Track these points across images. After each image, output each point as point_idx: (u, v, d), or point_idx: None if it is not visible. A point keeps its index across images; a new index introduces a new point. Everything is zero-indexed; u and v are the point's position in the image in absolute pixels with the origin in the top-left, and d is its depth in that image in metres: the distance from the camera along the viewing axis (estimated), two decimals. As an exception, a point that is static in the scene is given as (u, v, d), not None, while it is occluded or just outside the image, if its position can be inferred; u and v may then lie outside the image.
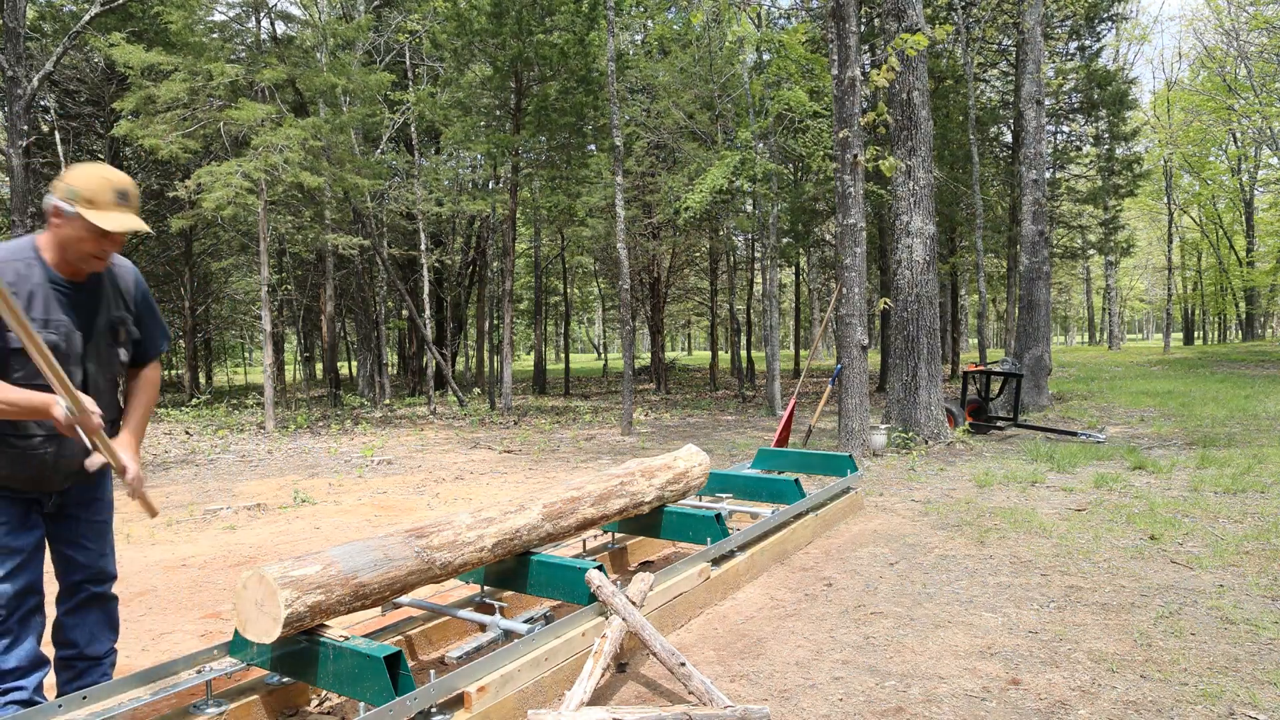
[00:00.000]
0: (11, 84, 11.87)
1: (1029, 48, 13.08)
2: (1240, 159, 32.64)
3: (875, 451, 8.38)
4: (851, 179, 8.38)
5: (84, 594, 2.60)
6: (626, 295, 12.08)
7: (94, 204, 2.29)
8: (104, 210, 2.30)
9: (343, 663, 2.41)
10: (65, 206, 2.29)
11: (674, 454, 4.42)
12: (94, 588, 2.62)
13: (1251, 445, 8.02)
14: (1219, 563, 4.24)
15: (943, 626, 3.46)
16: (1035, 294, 12.92)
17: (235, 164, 11.95)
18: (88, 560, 2.60)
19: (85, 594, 2.60)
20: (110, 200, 2.31)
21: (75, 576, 2.58)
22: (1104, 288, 40.80)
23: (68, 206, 2.29)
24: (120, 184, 2.34)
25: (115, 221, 2.30)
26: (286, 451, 10.43)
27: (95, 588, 2.62)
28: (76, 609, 2.59)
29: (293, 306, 24.54)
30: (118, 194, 2.33)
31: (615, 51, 12.82)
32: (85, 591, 2.60)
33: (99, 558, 2.63)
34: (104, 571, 2.65)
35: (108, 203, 2.31)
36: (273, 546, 5.27)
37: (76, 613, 2.59)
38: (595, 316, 48.06)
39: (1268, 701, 2.70)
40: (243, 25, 15.73)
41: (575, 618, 2.97)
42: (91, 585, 2.62)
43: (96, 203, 2.29)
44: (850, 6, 8.35)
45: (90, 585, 2.61)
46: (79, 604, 2.59)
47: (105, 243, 2.35)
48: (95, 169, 2.33)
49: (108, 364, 2.52)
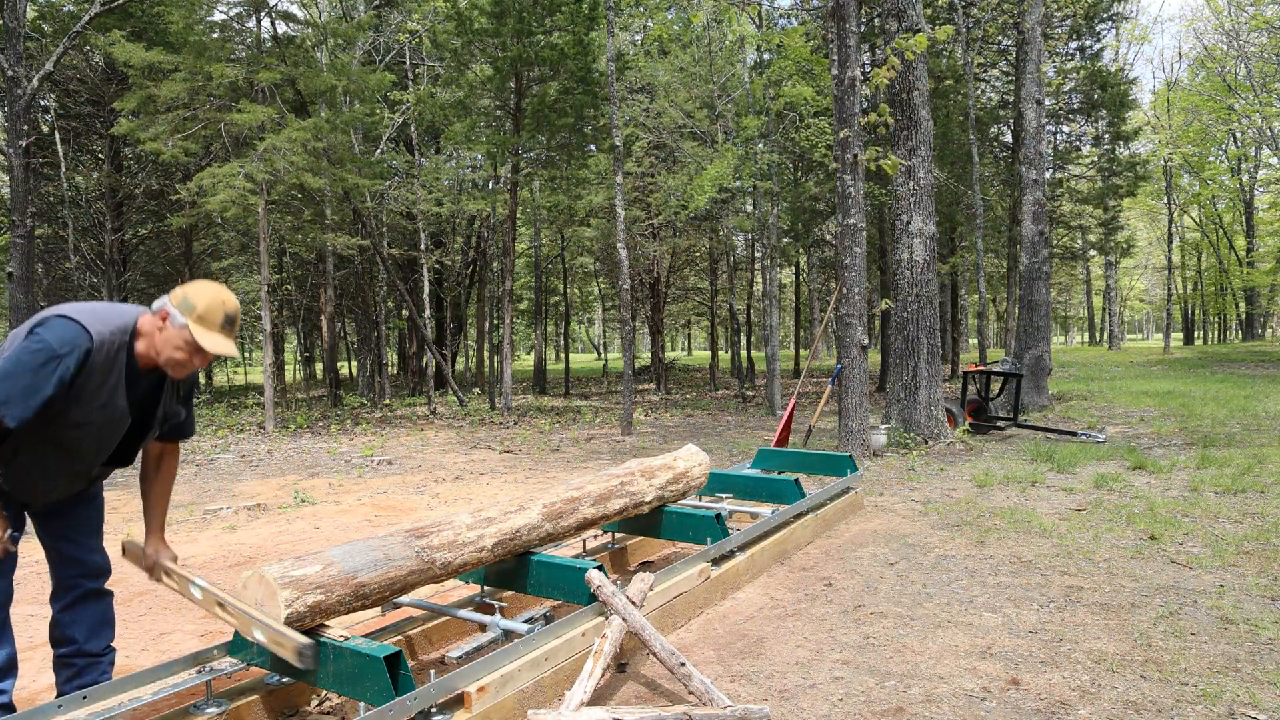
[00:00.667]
0: (11, 84, 11.87)
1: (1029, 48, 13.08)
2: (1240, 159, 32.63)
3: (875, 451, 8.38)
4: (851, 179, 8.38)
5: (79, 589, 2.60)
6: (626, 295, 12.08)
7: (204, 321, 2.36)
8: (210, 331, 2.38)
9: (343, 663, 2.41)
10: (177, 315, 2.36)
11: (674, 454, 4.42)
12: (88, 583, 2.62)
13: (1251, 445, 8.02)
14: (1219, 563, 4.24)
15: (943, 626, 3.46)
16: (1035, 294, 12.92)
17: (238, 165, 11.96)
18: (80, 555, 2.60)
19: (80, 589, 2.60)
20: (218, 323, 2.39)
21: (69, 572, 2.58)
22: (1104, 288, 40.79)
23: (179, 316, 2.35)
24: (232, 310, 2.43)
25: (217, 344, 2.37)
26: (286, 451, 10.43)
27: (90, 583, 2.62)
28: (72, 605, 2.59)
29: (293, 306, 24.53)
30: (227, 319, 2.41)
31: (615, 51, 12.82)
32: (80, 587, 2.60)
33: (91, 552, 2.63)
34: (97, 566, 2.65)
35: (215, 324, 2.39)
36: (273, 546, 5.27)
37: (72, 609, 2.59)
38: (595, 316, 48.04)
39: (1268, 701, 2.70)
40: (243, 25, 15.71)
41: (575, 618, 2.97)
42: (86, 580, 2.62)
43: (206, 321, 2.37)
44: (850, 6, 8.35)
45: (85, 580, 2.61)
46: (74, 600, 2.59)
47: (197, 358, 2.41)
48: (214, 289, 2.41)
49: (138, 439, 2.58)
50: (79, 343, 2.26)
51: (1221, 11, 28.04)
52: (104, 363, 2.33)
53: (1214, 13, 28.70)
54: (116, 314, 2.40)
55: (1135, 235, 32.16)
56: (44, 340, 2.23)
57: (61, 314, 2.30)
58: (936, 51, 16.40)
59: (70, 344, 2.24)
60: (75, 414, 2.32)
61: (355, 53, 17.04)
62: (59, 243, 18.66)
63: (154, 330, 2.40)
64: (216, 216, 13.66)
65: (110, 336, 2.34)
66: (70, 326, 2.27)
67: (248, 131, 13.32)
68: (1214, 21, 29.12)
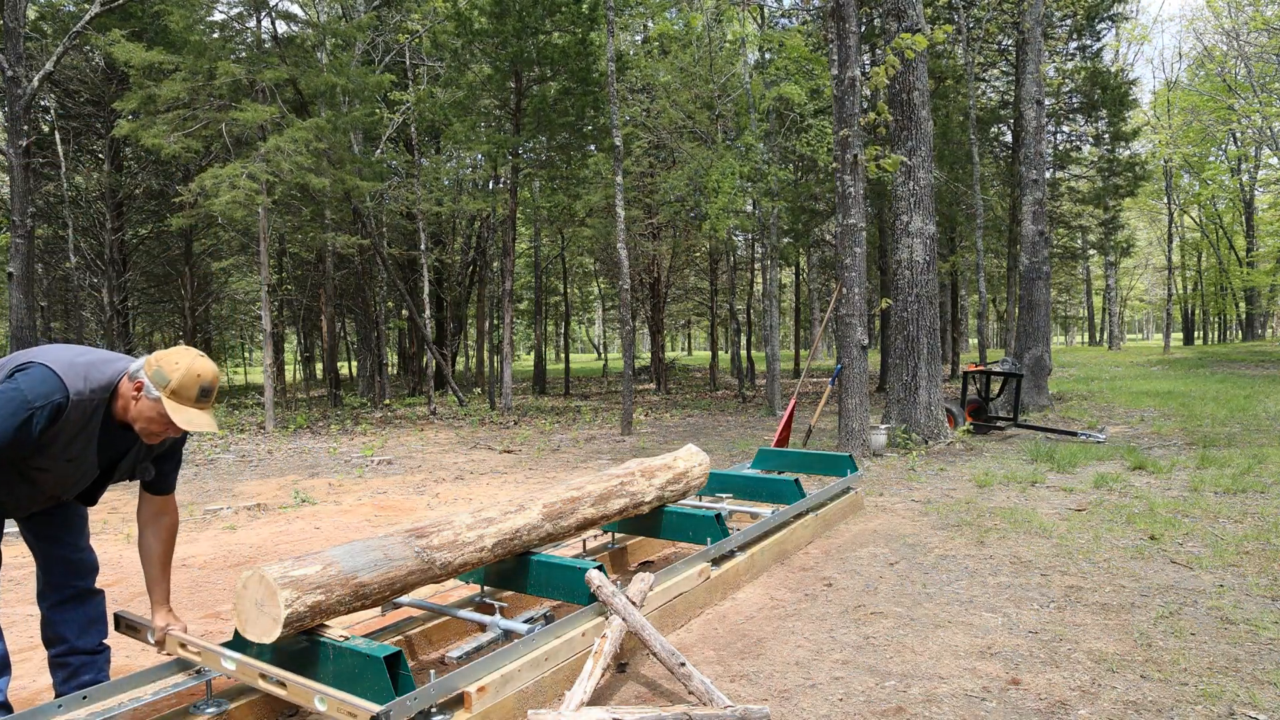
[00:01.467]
0: (11, 84, 11.87)
1: (1029, 48, 13.08)
2: (1240, 159, 32.64)
3: (875, 451, 8.38)
4: (851, 179, 8.38)
5: (69, 589, 2.58)
6: (626, 295, 12.08)
7: (177, 395, 2.30)
8: (184, 405, 2.31)
9: (343, 663, 2.41)
10: (150, 388, 2.30)
11: (674, 454, 4.42)
12: (78, 582, 2.60)
13: (1251, 445, 8.02)
14: (1219, 563, 4.24)
15: (943, 626, 3.46)
16: (1035, 294, 12.92)
17: (240, 165, 11.96)
18: (67, 554, 2.57)
19: (70, 589, 2.58)
20: (193, 396, 2.33)
21: (57, 571, 2.56)
22: (1104, 288, 40.79)
23: (153, 389, 2.30)
24: (208, 382, 2.35)
25: (191, 420, 2.31)
26: (286, 451, 10.43)
27: (79, 581, 2.60)
28: (61, 604, 2.58)
29: (293, 306, 24.55)
30: (202, 391, 2.34)
31: (615, 52, 12.82)
32: (70, 586, 2.58)
33: (77, 551, 2.60)
34: (84, 563, 2.62)
35: (190, 398, 2.32)
36: (273, 546, 5.27)
37: (61, 608, 2.58)
38: (595, 316, 48.05)
39: (1268, 701, 2.70)
40: (243, 25, 15.71)
41: (575, 618, 2.97)
42: (75, 580, 2.59)
43: (180, 395, 2.31)
44: (850, 6, 8.35)
45: (74, 580, 2.59)
46: (64, 599, 2.58)
47: (171, 430, 2.35)
48: (189, 360, 2.33)
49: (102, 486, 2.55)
50: (53, 398, 2.24)
51: (1221, 13, 28.05)
52: (78, 420, 2.31)
53: (1214, 14, 28.71)
54: (99, 371, 2.36)
55: (1135, 235, 32.14)
56: (19, 389, 2.21)
57: (45, 363, 2.28)
58: (936, 51, 16.41)
59: (45, 398, 2.22)
60: (40, 460, 2.31)
61: (355, 52, 17.04)
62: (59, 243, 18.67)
63: (130, 397, 2.35)
64: (218, 217, 13.65)
65: (89, 395, 2.32)
66: (50, 380, 2.25)
67: (249, 131, 13.32)
68: (1214, 22, 29.12)
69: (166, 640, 2.61)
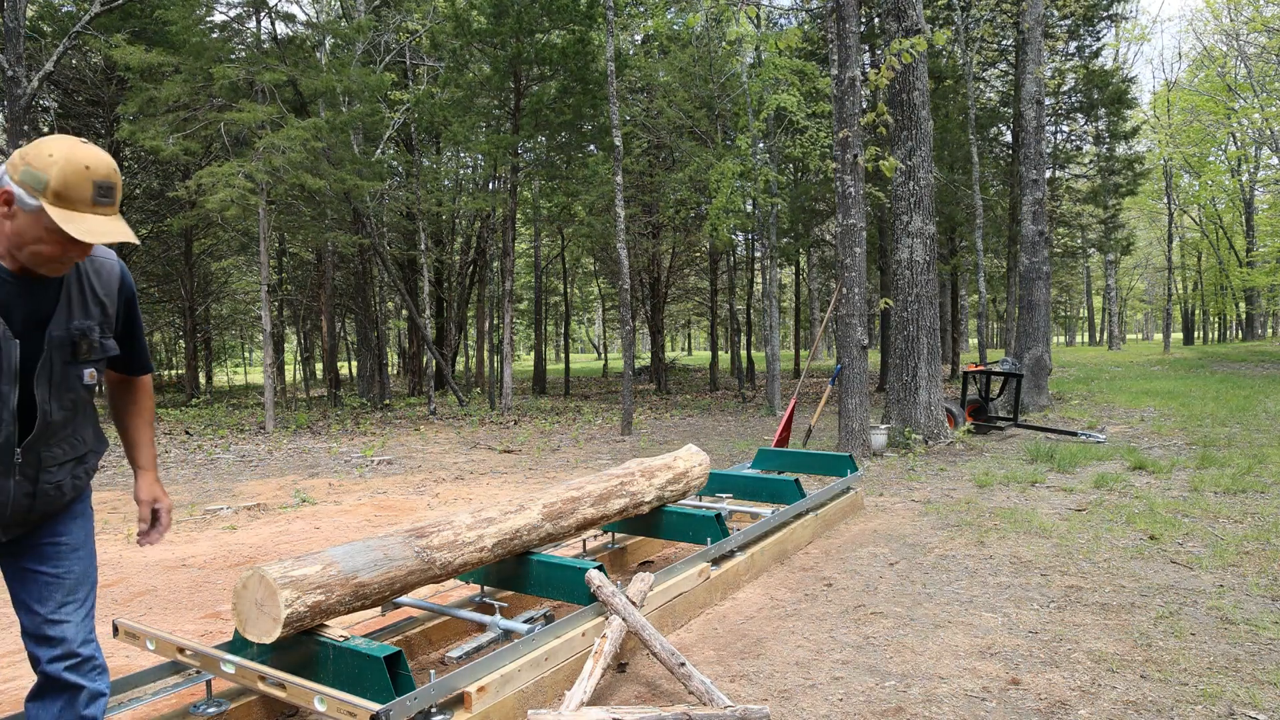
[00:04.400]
0: (11, 84, 11.87)
1: (1029, 48, 13.08)
2: (1240, 159, 32.64)
3: (875, 451, 8.38)
4: (851, 179, 8.38)
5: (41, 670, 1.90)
6: (626, 295, 12.08)
7: (64, 200, 1.65)
8: (77, 210, 1.67)
9: (343, 663, 2.41)
10: (24, 196, 1.65)
11: (674, 454, 4.42)
12: (48, 666, 1.88)
13: (1251, 445, 8.02)
14: (1219, 563, 4.24)
15: (943, 626, 3.46)
16: (1035, 294, 12.91)
17: (237, 164, 11.96)
18: (33, 626, 1.88)
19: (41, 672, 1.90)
20: (87, 198, 1.67)
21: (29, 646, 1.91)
22: (1104, 288, 40.78)
23: (28, 198, 1.65)
24: (103, 176, 1.69)
25: (92, 230, 1.67)
26: (286, 451, 10.43)
27: (50, 666, 1.88)
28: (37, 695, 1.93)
29: (293, 306, 24.54)
30: (99, 189, 1.68)
31: (615, 51, 12.82)
32: (40, 665, 1.90)
33: (45, 624, 1.87)
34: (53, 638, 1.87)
35: (83, 200, 1.67)
36: (273, 546, 5.27)
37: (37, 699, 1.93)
38: (595, 316, 48.05)
39: (1268, 701, 2.70)
40: (243, 26, 15.72)
41: (575, 618, 2.97)
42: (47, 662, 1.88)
43: (68, 198, 1.65)
44: (850, 6, 8.35)
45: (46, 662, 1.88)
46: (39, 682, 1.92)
47: (72, 249, 1.71)
48: (70, 149, 1.67)
49: (65, 387, 1.83)
50: None
51: (1221, 14, 28.07)
52: None
53: (1214, 15, 28.73)
54: None
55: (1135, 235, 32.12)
56: None
57: None
58: (936, 51, 16.42)
59: None
60: None
61: (355, 52, 17.04)
62: (59, 243, 18.63)
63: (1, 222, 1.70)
64: (216, 216, 13.65)
65: None
66: None
67: (248, 131, 13.32)
68: (1214, 23, 29.14)
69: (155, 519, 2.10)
